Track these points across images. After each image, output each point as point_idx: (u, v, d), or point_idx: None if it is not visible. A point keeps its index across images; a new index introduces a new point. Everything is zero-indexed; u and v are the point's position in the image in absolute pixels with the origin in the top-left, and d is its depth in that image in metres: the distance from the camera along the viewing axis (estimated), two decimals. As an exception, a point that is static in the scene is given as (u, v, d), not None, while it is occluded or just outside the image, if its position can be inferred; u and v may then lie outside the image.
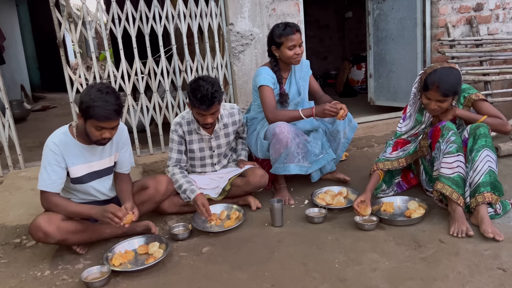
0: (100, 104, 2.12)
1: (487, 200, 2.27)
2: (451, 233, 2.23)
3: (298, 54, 2.78)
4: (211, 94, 2.51)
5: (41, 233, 2.17)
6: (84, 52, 12.74)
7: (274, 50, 2.83)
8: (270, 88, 2.80)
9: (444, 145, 2.37)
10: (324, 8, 7.62)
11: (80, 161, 2.33)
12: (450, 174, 2.33)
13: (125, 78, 3.60)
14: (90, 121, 2.17)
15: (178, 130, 2.78)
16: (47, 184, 2.25)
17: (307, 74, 3.02)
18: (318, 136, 2.96)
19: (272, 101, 2.78)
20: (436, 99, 2.41)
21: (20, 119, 6.25)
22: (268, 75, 2.84)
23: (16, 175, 3.39)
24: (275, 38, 2.78)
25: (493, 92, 4.06)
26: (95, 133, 2.20)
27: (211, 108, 2.56)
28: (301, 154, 2.78)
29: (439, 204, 2.51)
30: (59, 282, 2.11)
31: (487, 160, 2.32)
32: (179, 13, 3.65)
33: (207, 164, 2.91)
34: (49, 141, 2.28)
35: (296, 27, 2.79)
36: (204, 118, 2.62)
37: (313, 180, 3.03)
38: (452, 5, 4.18)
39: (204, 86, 2.52)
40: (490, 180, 2.31)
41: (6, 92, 3.46)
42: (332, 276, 1.97)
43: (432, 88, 2.39)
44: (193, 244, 2.40)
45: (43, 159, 2.27)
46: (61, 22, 3.36)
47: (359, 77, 6.38)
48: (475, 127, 2.39)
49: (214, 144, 2.85)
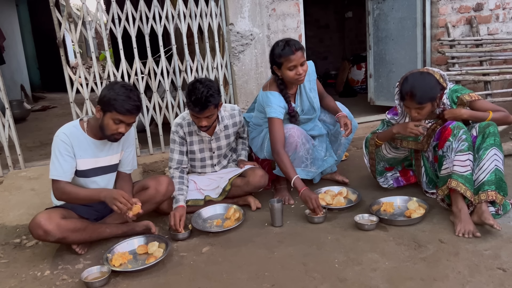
0: (124, 98, 2.24)
1: (490, 199, 2.26)
2: (457, 233, 2.22)
3: (300, 74, 2.61)
4: (205, 98, 2.48)
5: (41, 231, 2.18)
6: (84, 52, 12.75)
7: (276, 70, 2.69)
8: (280, 121, 2.69)
9: (456, 143, 2.36)
10: (324, 8, 7.62)
11: (88, 155, 2.38)
12: (463, 172, 2.31)
13: (125, 78, 3.60)
14: (110, 113, 2.25)
15: (179, 131, 2.77)
16: (59, 174, 2.30)
17: (314, 81, 2.89)
18: (323, 140, 2.99)
19: (280, 135, 2.66)
20: (414, 108, 2.41)
21: (20, 119, 6.25)
22: (279, 105, 2.68)
23: (16, 175, 3.40)
24: (275, 58, 2.63)
25: (493, 92, 4.06)
26: (112, 127, 2.27)
27: (204, 112, 2.53)
28: (309, 159, 2.79)
29: (441, 203, 2.51)
30: (59, 282, 2.11)
31: (494, 159, 2.32)
32: (179, 13, 3.65)
33: (207, 165, 2.91)
34: (60, 132, 2.34)
35: (296, 45, 2.59)
36: (198, 121, 2.61)
37: (315, 182, 3.04)
38: (452, 5, 4.18)
39: (199, 89, 2.49)
40: (495, 179, 2.30)
41: (6, 92, 3.46)
42: (332, 276, 1.97)
43: (407, 98, 2.39)
44: (193, 244, 2.40)
45: (53, 149, 2.32)
46: (61, 22, 3.36)
47: (359, 77, 6.38)
48: (484, 126, 2.38)
49: (214, 145, 2.85)
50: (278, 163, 2.67)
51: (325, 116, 3.02)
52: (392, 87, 4.67)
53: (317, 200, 2.47)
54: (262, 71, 3.85)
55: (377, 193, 2.85)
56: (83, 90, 3.48)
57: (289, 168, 2.60)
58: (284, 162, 2.61)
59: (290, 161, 2.64)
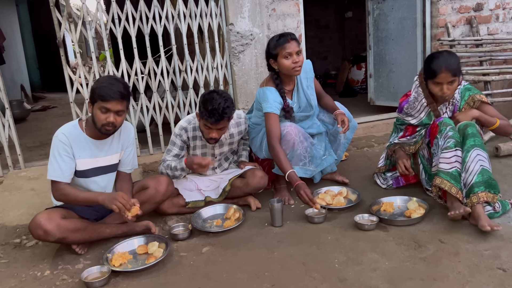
0: (106, 85, 2.23)
1: (482, 200, 2.27)
2: (450, 215, 2.25)
3: (297, 63, 2.62)
4: (222, 109, 2.46)
5: (41, 231, 2.17)
6: (84, 52, 12.75)
7: (273, 64, 2.71)
8: (276, 116, 2.71)
9: (442, 140, 2.39)
10: (324, 8, 7.62)
11: (87, 155, 2.37)
12: (448, 169, 2.34)
13: (125, 78, 3.59)
14: (96, 103, 2.24)
15: (183, 135, 2.74)
16: (57, 175, 2.29)
17: (311, 79, 2.91)
18: (322, 138, 2.98)
19: (276, 130, 2.68)
20: (447, 81, 2.43)
21: (20, 119, 6.26)
22: (275, 101, 2.71)
23: (16, 175, 3.40)
24: (271, 51, 2.67)
25: (493, 92, 4.06)
26: (100, 117, 2.25)
27: (219, 123, 2.51)
28: (307, 158, 2.79)
29: (439, 200, 2.52)
30: (59, 282, 2.11)
31: (479, 159, 2.32)
32: (179, 13, 3.66)
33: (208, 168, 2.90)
34: (59, 132, 2.33)
35: (291, 35, 2.65)
36: (209, 132, 2.57)
37: (316, 181, 3.03)
38: (452, 5, 4.18)
39: (217, 100, 2.46)
40: (483, 179, 2.30)
41: (6, 92, 3.46)
42: (332, 276, 1.97)
43: (442, 70, 2.41)
44: (193, 244, 2.40)
45: (52, 150, 2.31)
46: (61, 22, 3.37)
47: (359, 77, 6.38)
48: (463, 127, 2.40)
49: (217, 152, 2.85)
50: (274, 157, 2.68)
51: (324, 115, 3.02)
52: (392, 87, 4.68)
53: (309, 194, 2.47)
54: (262, 71, 3.85)
55: (377, 193, 2.85)
56: (83, 90, 3.48)
57: (284, 162, 2.61)
58: (279, 156, 2.62)
59: (285, 155, 2.66)
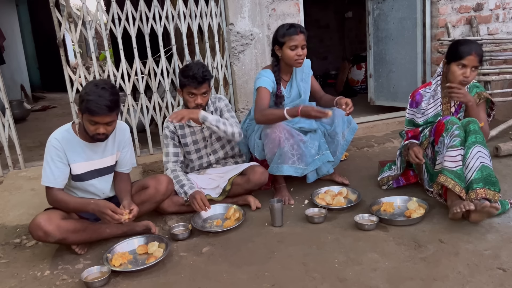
0: (93, 98, 2.14)
1: (480, 197, 2.26)
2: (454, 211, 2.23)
3: (300, 55, 2.75)
4: (202, 72, 2.63)
5: (41, 232, 2.17)
6: (84, 52, 12.73)
7: (277, 50, 2.82)
8: (267, 90, 2.79)
9: (448, 139, 2.39)
10: (324, 8, 7.61)
11: (81, 158, 2.35)
12: (453, 168, 2.34)
13: (125, 78, 3.60)
14: (84, 115, 2.21)
15: (170, 125, 2.83)
16: (50, 180, 2.28)
17: (308, 75, 2.99)
18: (315, 137, 2.94)
19: (264, 102, 2.75)
20: (472, 65, 2.45)
21: (20, 119, 6.25)
22: (268, 78, 2.82)
23: (16, 175, 3.40)
24: (279, 38, 2.77)
25: (493, 92, 4.05)
26: (90, 128, 2.23)
27: (202, 86, 2.65)
28: (296, 155, 2.76)
29: (439, 198, 2.52)
30: (59, 282, 2.11)
31: (479, 156, 2.33)
32: (179, 13, 3.65)
33: (203, 155, 2.92)
34: (52, 137, 2.31)
35: (301, 28, 2.77)
36: (194, 99, 2.69)
37: (309, 181, 2.96)
38: (452, 5, 4.18)
39: (195, 66, 2.67)
40: (482, 176, 2.31)
41: (6, 92, 3.46)
42: (332, 276, 1.97)
43: (472, 54, 2.43)
44: (193, 244, 2.40)
45: (45, 155, 2.30)
46: (61, 22, 3.36)
47: (359, 77, 6.37)
48: (465, 124, 2.41)
49: (207, 133, 2.87)
50: (266, 118, 2.70)
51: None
52: (392, 87, 4.67)
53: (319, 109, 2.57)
54: (262, 71, 3.84)
55: (377, 193, 2.85)
56: (83, 90, 3.47)
57: (276, 111, 2.69)
58: (269, 112, 2.70)
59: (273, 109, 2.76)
